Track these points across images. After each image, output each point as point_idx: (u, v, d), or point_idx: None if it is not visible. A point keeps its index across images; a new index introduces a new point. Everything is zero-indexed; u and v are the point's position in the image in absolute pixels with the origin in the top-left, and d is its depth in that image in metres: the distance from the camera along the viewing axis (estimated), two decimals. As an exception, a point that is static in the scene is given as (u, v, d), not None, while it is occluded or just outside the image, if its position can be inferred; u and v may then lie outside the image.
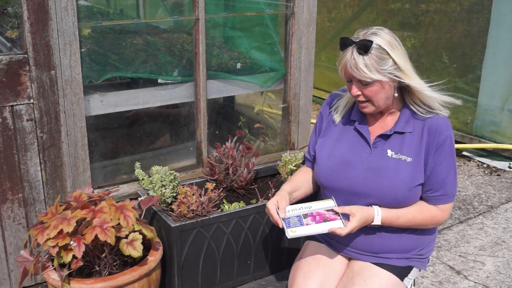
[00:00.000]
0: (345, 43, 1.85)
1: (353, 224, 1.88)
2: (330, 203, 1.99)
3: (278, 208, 1.95)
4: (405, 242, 2.00)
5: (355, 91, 1.88)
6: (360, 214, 1.89)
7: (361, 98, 1.90)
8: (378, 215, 1.92)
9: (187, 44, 3.06)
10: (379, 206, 1.94)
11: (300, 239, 2.22)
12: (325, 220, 1.92)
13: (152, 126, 3.44)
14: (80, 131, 2.61)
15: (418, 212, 1.94)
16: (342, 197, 1.99)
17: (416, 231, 2.00)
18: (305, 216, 1.94)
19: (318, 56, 5.60)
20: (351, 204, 1.97)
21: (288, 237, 1.88)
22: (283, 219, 1.92)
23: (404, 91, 1.95)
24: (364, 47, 1.80)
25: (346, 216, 1.93)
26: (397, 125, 1.94)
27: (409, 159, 1.91)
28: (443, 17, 4.88)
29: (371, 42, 1.80)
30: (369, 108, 1.92)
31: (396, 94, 1.90)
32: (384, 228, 1.96)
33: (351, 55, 1.82)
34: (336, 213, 1.94)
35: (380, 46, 1.81)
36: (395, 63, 1.82)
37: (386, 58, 1.82)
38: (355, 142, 2.01)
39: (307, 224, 1.91)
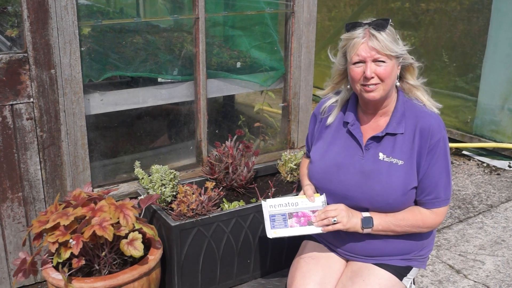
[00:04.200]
0: (357, 25, 1.86)
1: (339, 205, 1.90)
2: (318, 201, 1.99)
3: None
4: (404, 245, 1.99)
5: (370, 72, 1.83)
6: (344, 207, 1.91)
7: (374, 81, 1.85)
8: (367, 215, 1.92)
9: (187, 43, 3.06)
10: (371, 209, 1.93)
11: (299, 238, 2.22)
12: (309, 223, 1.92)
13: (152, 125, 3.44)
14: (80, 130, 2.61)
15: (409, 213, 1.92)
16: (334, 200, 1.98)
17: (415, 234, 1.99)
18: (290, 215, 1.94)
19: (318, 55, 5.60)
20: None
21: (270, 237, 1.90)
22: (269, 216, 1.94)
23: (402, 77, 1.97)
24: (382, 24, 1.83)
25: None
26: (388, 126, 1.93)
27: (400, 162, 1.89)
28: (443, 16, 4.87)
29: (388, 19, 1.84)
30: (377, 92, 1.86)
31: (398, 83, 1.94)
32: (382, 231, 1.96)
33: (368, 33, 1.83)
34: None
35: (393, 26, 1.88)
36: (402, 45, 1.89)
37: (398, 38, 1.88)
38: (348, 145, 1.99)
39: (291, 226, 1.92)
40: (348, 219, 1.89)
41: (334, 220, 1.88)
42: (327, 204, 1.99)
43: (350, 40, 1.86)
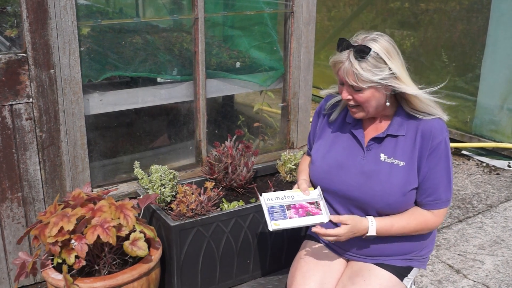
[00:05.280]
0: (342, 45, 1.82)
1: (340, 231, 1.86)
2: (314, 194, 2.00)
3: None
4: (405, 246, 1.99)
5: (346, 95, 1.87)
6: (353, 223, 1.87)
7: (352, 103, 1.88)
8: (372, 225, 1.90)
9: (187, 43, 3.06)
10: (372, 210, 1.93)
11: (299, 234, 2.22)
12: (308, 214, 1.93)
13: (151, 125, 3.44)
14: (79, 130, 2.61)
15: (412, 218, 1.92)
16: (336, 199, 1.99)
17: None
18: (288, 207, 1.95)
19: (317, 55, 5.60)
20: (345, 206, 1.98)
21: (271, 230, 1.89)
22: (268, 208, 1.94)
23: (400, 99, 1.93)
24: (361, 53, 1.77)
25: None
26: (390, 128, 1.93)
27: (401, 163, 1.89)
28: (442, 16, 4.88)
29: (369, 49, 1.77)
30: (358, 114, 1.91)
31: (388, 104, 1.89)
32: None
33: (347, 59, 1.80)
34: (318, 207, 1.95)
35: (377, 54, 1.78)
36: (391, 71, 1.79)
37: (383, 66, 1.79)
38: (350, 145, 1.99)
39: (290, 217, 1.92)
40: (347, 237, 1.90)
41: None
42: (323, 198, 1.98)
43: (333, 60, 1.85)
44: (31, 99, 2.47)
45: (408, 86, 1.82)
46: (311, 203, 1.97)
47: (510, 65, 4.37)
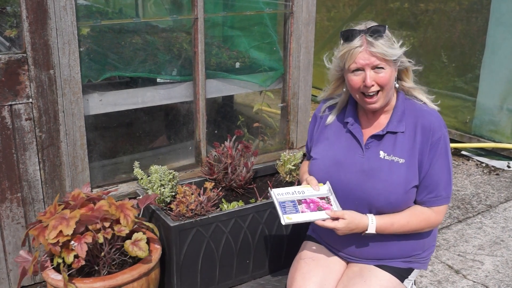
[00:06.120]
0: (353, 34, 1.84)
1: (338, 224, 1.86)
2: (323, 189, 1.99)
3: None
4: (405, 247, 1.98)
5: (370, 80, 1.83)
6: (350, 219, 1.87)
7: (374, 89, 1.85)
8: (372, 223, 1.89)
9: (186, 43, 3.06)
10: (373, 209, 1.92)
11: (299, 235, 2.22)
12: (319, 208, 1.93)
13: (151, 126, 3.44)
14: (79, 130, 2.61)
15: (413, 217, 1.91)
16: (337, 199, 1.98)
17: (416, 234, 1.98)
18: (300, 202, 1.95)
19: (317, 56, 5.60)
20: (345, 204, 1.97)
21: (283, 224, 1.89)
22: (279, 203, 1.94)
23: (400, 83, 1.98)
24: (378, 32, 1.82)
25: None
26: (389, 124, 1.93)
27: (401, 161, 1.89)
28: (442, 16, 4.88)
29: (384, 25, 1.84)
30: (379, 101, 1.88)
31: (397, 85, 1.93)
32: (384, 234, 1.95)
33: (365, 41, 1.82)
34: (329, 202, 1.95)
35: (388, 31, 1.86)
36: (399, 45, 1.89)
37: (394, 41, 1.87)
38: (349, 144, 1.99)
39: (302, 212, 1.92)
40: (344, 232, 1.89)
41: None
42: (333, 193, 1.97)
43: (347, 50, 1.85)
44: (30, 99, 2.47)
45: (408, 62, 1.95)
46: (321, 198, 1.97)
47: (510, 66, 4.37)
